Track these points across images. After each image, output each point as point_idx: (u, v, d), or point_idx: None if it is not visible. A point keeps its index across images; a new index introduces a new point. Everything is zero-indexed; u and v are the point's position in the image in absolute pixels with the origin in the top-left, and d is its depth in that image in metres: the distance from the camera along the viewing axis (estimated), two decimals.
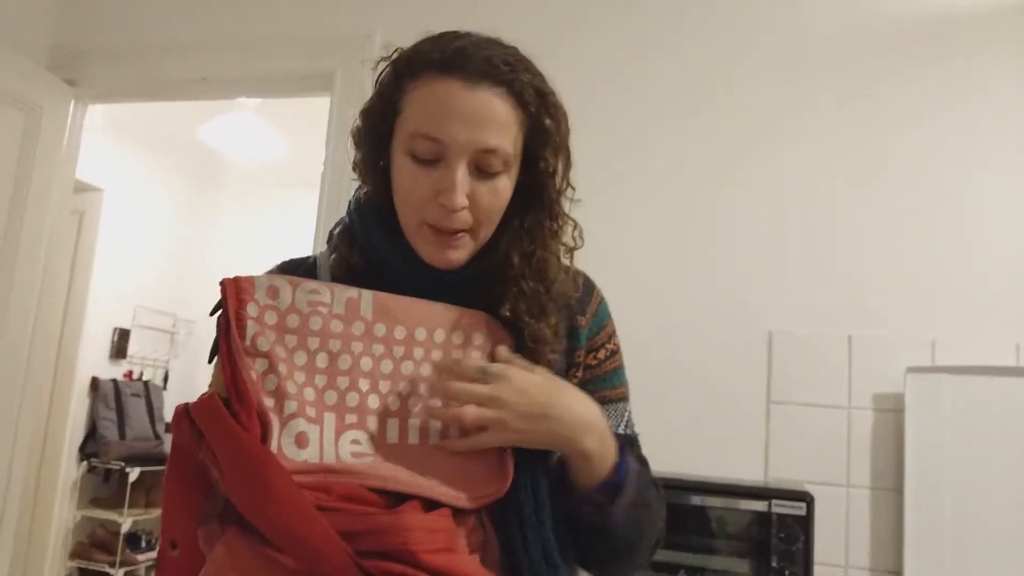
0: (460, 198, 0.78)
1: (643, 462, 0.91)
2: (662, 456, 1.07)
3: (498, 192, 0.81)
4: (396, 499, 0.72)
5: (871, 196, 1.93)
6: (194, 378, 4.89)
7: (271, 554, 0.67)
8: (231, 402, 0.72)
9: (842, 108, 1.98)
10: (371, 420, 0.76)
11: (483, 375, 0.77)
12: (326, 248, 0.91)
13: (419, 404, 0.79)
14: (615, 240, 2.03)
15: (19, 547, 3.09)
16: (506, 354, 0.81)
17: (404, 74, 0.82)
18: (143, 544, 4.21)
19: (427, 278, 0.84)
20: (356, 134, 0.88)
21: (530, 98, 0.80)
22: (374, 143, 0.86)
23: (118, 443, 4.11)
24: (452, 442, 0.77)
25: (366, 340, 0.78)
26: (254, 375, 0.74)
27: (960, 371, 1.75)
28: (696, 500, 1.66)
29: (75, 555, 4.09)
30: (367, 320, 0.79)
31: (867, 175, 1.94)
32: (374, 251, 0.86)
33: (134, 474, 4.09)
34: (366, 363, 0.78)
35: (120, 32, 2.63)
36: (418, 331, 0.80)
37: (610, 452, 0.81)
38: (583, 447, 0.78)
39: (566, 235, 0.88)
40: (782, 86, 2.03)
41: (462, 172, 0.78)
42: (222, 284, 0.77)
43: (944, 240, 1.88)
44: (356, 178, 0.91)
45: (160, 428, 4.39)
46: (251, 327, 0.75)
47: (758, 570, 1.62)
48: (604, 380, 0.91)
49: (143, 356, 4.59)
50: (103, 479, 4.29)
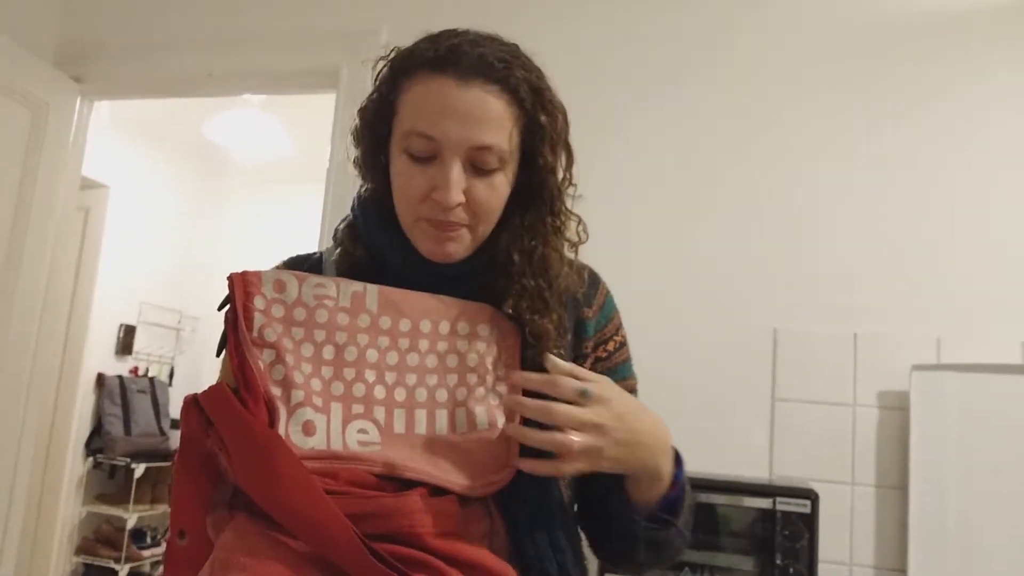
0: (454, 195, 0.79)
1: None
2: None
3: (495, 189, 0.81)
4: (403, 486, 0.73)
5: (877, 194, 1.93)
6: (199, 374, 4.90)
7: (280, 537, 0.68)
8: (239, 391, 0.73)
9: (847, 106, 1.98)
10: (378, 410, 0.77)
11: (584, 398, 0.74)
12: (332, 244, 0.92)
13: (425, 395, 0.79)
14: (618, 236, 2.03)
15: (25, 542, 3.10)
16: (568, 367, 0.78)
17: (400, 73, 0.83)
18: (148, 540, 4.22)
19: (427, 273, 0.84)
20: (355, 133, 0.89)
21: (525, 95, 0.80)
22: (372, 141, 0.87)
23: (124, 439, 4.12)
24: (534, 463, 0.74)
25: (372, 332, 0.79)
26: (261, 365, 0.74)
27: (965, 369, 1.74)
28: (701, 497, 1.66)
29: (81, 551, 4.11)
30: (372, 313, 0.80)
31: (872, 173, 1.94)
32: (376, 247, 0.87)
33: (139, 470, 4.11)
34: (372, 355, 0.78)
35: (126, 29, 2.64)
36: (423, 323, 0.81)
37: (671, 467, 0.81)
38: (660, 470, 0.79)
39: (569, 230, 0.88)
40: (790, 85, 2.03)
41: (457, 169, 0.79)
42: (230, 278, 0.78)
43: (950, 238, 1.87)
44: (359, 175, 0.92)
45: (165, 424, 4.40)
46: (258, 319, 0.76)
47: (763, 567, 1.62)
48: (614, 372, 0.90)
49: (149, 352, 4.60)
50: (109, 475, 4.31)
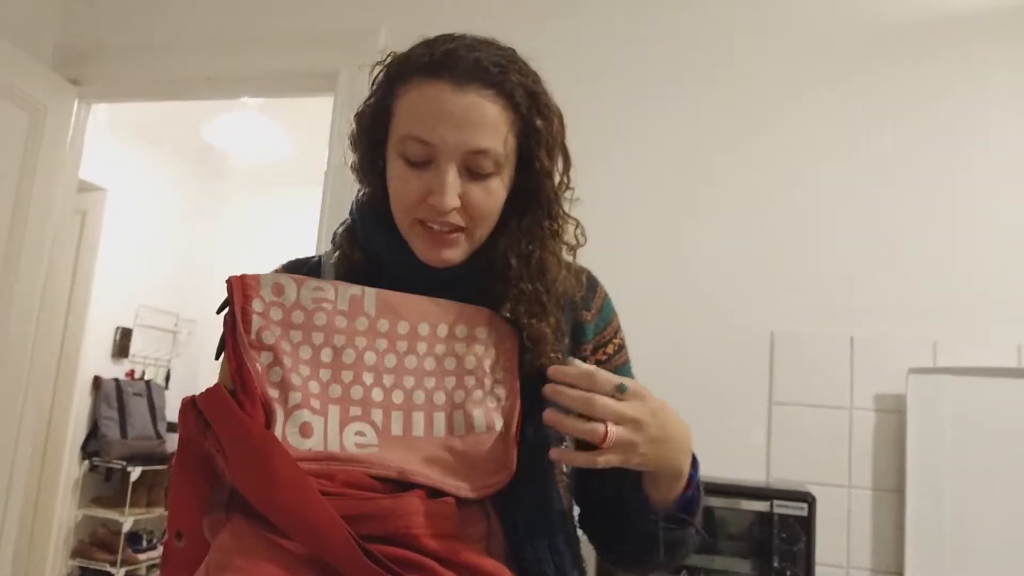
0: (449, 200, 0.79)
1: None
2: None
3: (491, 193, 0.82)
4: (400, 488, 0.73)
5: (875, 195, 1.93)
6: (196, 377, 4.89)
7: (275, 539, 0.68)
8: (237, 393, 0.73)
9: (841, 106, 1.99)
10: (375, 413, 0.77)
11: (621, 392, 0.73)
12: (330, 247, 0.92)
13: (423, 397, 0.79)
14: (616, 237, 2.03)
15: (21, 546, 3.09)
16: (592, 368, 0.75)
17: (395, 78, 0.83)
18: (144, 543, 4.21)
19: (425, 276, 0.85)
20: (352, 137, 0.89)
21: (521, 99, 0.80)
22: (369, 146, 0.87)
23: (120, 442, 4.11)
24: (570, 454, 0.74)
25: (370, 335, 0.79)
26: (259, 367, 0.75)
27: (962, 372, 1.75)
28: None
29: (76, 554, 4.09)
30: (371, 316, 0.80)
31: (870, 174, 1.94)
32: (374, 251, 0.87)
33: (136, 473, 4.09)
34: (370, 357, 0.79)
35: (124, 31, 2.64)
36: (421, 326, 0.81)
37: (688, 467, 0.81)
38: (682, 469, 0.79)
39: (567, 234, 0.88)
40: (788, 86, 2.04)
41: (452, 174, 0.79)
42: (228, 282, 0.78)
43: (946, 241, 1.88)
44: (356, 179, 0.92)
45: (162, 427, 4.39)
46: (256, 322, 0.76)
47: (760, 570, 1.63)
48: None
49: (145, 355, 4.59)
50: (105, 478, 4.29)
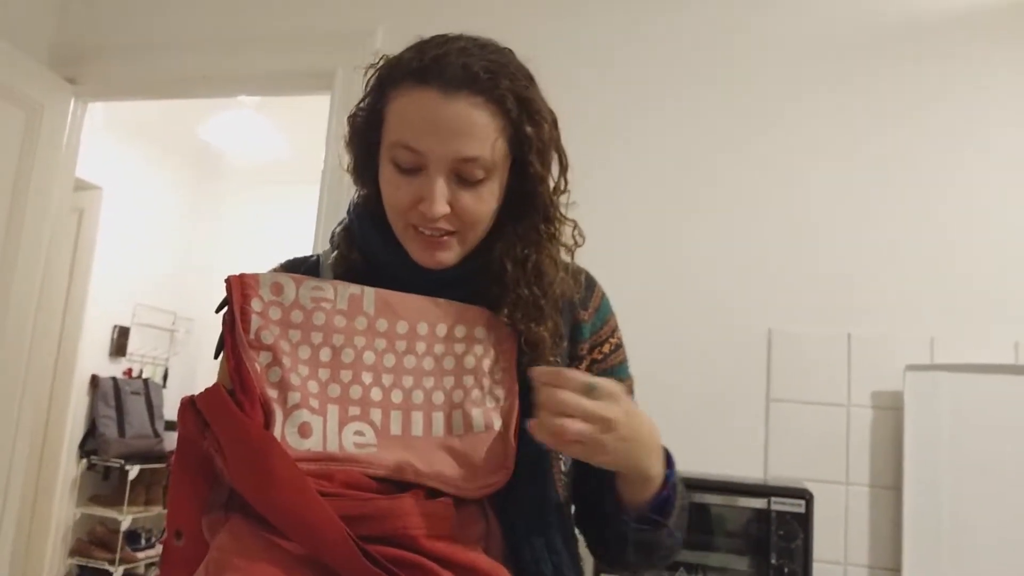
0: (438, 207, 0.79)
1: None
2: None
3: (482, 199, 0.81)
4: (398, 488, 0.73)
5: (872, 195, 1.94)
6: (194, 376, 4.89)
7: (274, 539, 0.68)
8: (235, 393, 0.73)
9: (841, 106, 1.99)
10: (374, 412, 0.77)
11: (591, 391, 0.72)
12: (328, 247, 0.92)
13: (421, 397, 0.79)
14: (613, 238, 2.04)
15: (19, 544, 3.09)
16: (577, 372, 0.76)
17: (386, 82, 0.83)
18: (143, 542, 4.21)
19: (422, 277, 0.85)
20: (346, 140, 0.89)
21: (511, 106, 0.80)
22: (363, 148, 0.87)
23: (118, 441, 4.11)
24: (537, 430, 0.71)
25: (369, 335, 0.79)
26: (258, 367, 0.75)
27: (959, 369, 1.75)
28: (696, 497, 1.66)
29: (75, 552, 4.09)
30: (370, 315, 0.80)
31: (867, 174, 1.95)
32: (371, 251, 0.87)
33: (134, 472, 4.09)
34: (369, 357, 0.79)
35: (121, 30, 2.64)
36: (420, 326, 0.81)
37: (661, 468, 0.81)
38: (651, 470, 0.79)
39: (565, 235, 0.88)
40: (786, 85, 2.04)
41: (440, 182, 0.79)
42: (227, 281, 0.78)
43: (943, 238, 1.88)
44: (353, 180, 0.92)
45: (160, 426, 4.39)
46: (255, 321, 0.76)
47: (757, 567, 1.63)
48: (610, 374, 0.90)
49: (143, 354, 4.59)
50: (103, 477, 4.29)
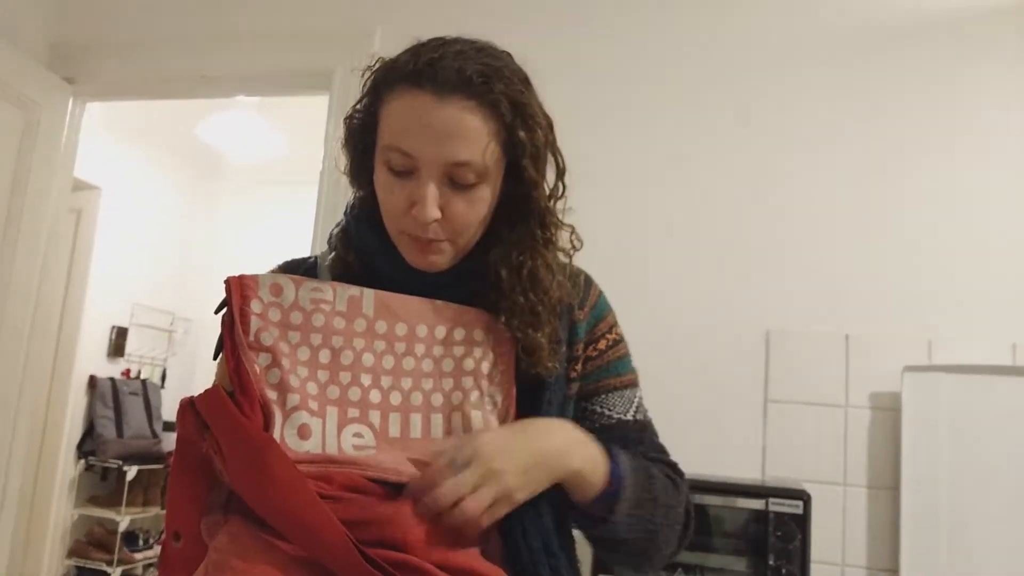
0: (430, 212, 0.78)
1: (658, 448, 0.91)
2: None
3: (474, 203, 0.81)
4: (398, 491, 0.73)
5: (869, 195, 1.94)
6: (192, 376, 4.88)
7: (273, 540, 0.68)
8: (235, 394, 0.73)
9: (840, 106, 1.99)
10: (373, 414, 0.77)
11: (456, 464, 0.72)
12: (326, 248, 0.92)
13: (420, 399, 0.79)
14: (612, 238, 2.03)
15: (17, 545, 3.08)
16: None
17: (381, 85, 0.82)
18: (141, 543, 4.20)
19: (419, 279, 0.85)
20: (343, 142, 0.89)
21: (505, 110, 0.79)
22: (359, 151, 0.87)
23: (116, 441, 4.10)
24: (482, 520, 0.73)
25: (368, 337, 0.79)
26: (257, 368, 0.75)
27: (957, 370, 1.75)
28: (694, 498, 1.65)
29: (73, 553, 4.08)
30: (369, 317, 0.80)
31: (865, 174, 1.95)
32: (368, 253, 0.87)
33: (132, 472, 4.09)
34: (368, 359, 0.79)
35: (119, 30, 2.63)
36: (419, 328, 0.81)
37: (599, 461, 0.81)
38: (572, 468, 0.78)
39: (562, 240, 0.88)
40: (782, 84, 2.04)
41: (433, 186, 0.78)
42: (227, 282, 0.78)
43: (941, 240, 1.88)
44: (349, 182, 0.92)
45: (158, 426, 4.38)
46: (254, 323, 0.76)
47: (755, 568, 1.63)
48: (607, 369, 0.91)
49: (141, 354, 4.58)
50: (101, 477, 4.28)
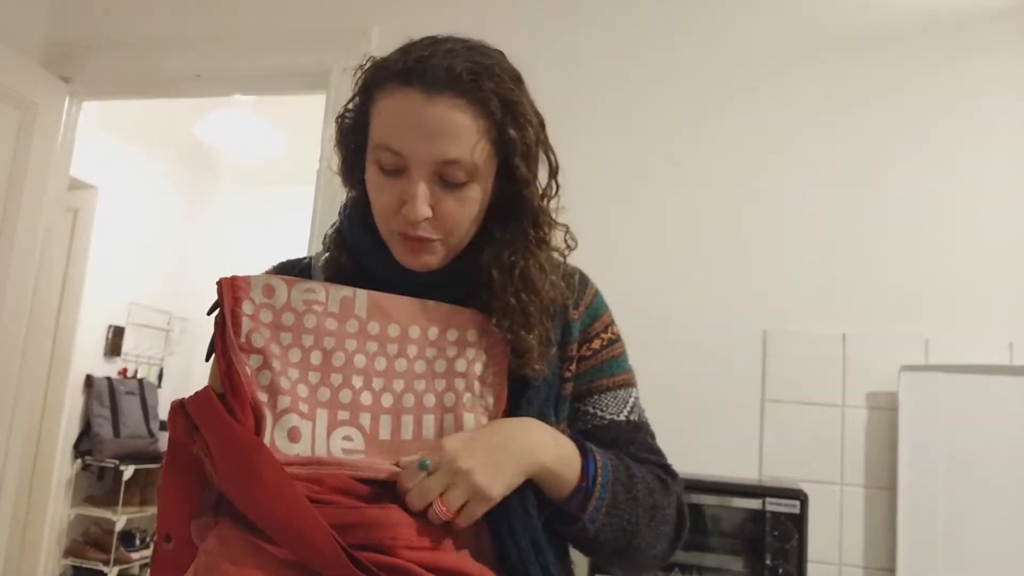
0: (420, 210, 0.78)
1: (650, 449, 0.91)
2: None
3: (465, 202, 0.81)
4: (388, 493, 0.73)
5: (865, 195, 1.93)
6: (189, 376, 4.88)
7: (262, 544, 0.68)
8: (226, 396, 0.73)
9: (837, 108, 1.99)
10: (364, 417, 0.77)
11: (425, 467, 0.73)
12: (321, 249, 0.92)
13: (412, 401, 0.79)
14: (609, 238, 2.03)
15: (13, 545, 3.08)
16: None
17: (371, 84, 0.83)
18: (137, 542, 4.20)
19: (411, 281, 0.84)
20: (335, 141, 0.89)
21: (495, 108, 0.79)
22: (351, 151, 0.87)
23: (112, 441, 4.10)
24: (457, 521, 0.73)
25: (360, 338, 0.79)
26: (248, 370, 0.74)
27: (953, 370, 1.75)
28: (690, 498, 1.65)
29: (69, 553, 4.08)
30: (361, 318, 0.80)
31: (861, 174, 1.94)
32: (360, 253, 0.87)
33: (128, 472, 4.09)
34: (360, 360, 0.78)
35: (115, 29, 2.63)
36: (412, 329, 0.81)
37: (572, 459, 0.80)
38: (542, 464, 0.78)
39: (556, 240, 0.87)
40: (779, 83, 2.03)
41: (423, 184, 0.78)
42: (218, 283, 0.78)
43: (938, 239, 1.88)
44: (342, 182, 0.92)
45: (155, 426, 4.38)
46: (246, 324, 0.76)
47: (752, 568, 1.63)
48: (600, 369, 0.90)
49: (138, 354, 4.58)
50: (97, 477, 4.28)
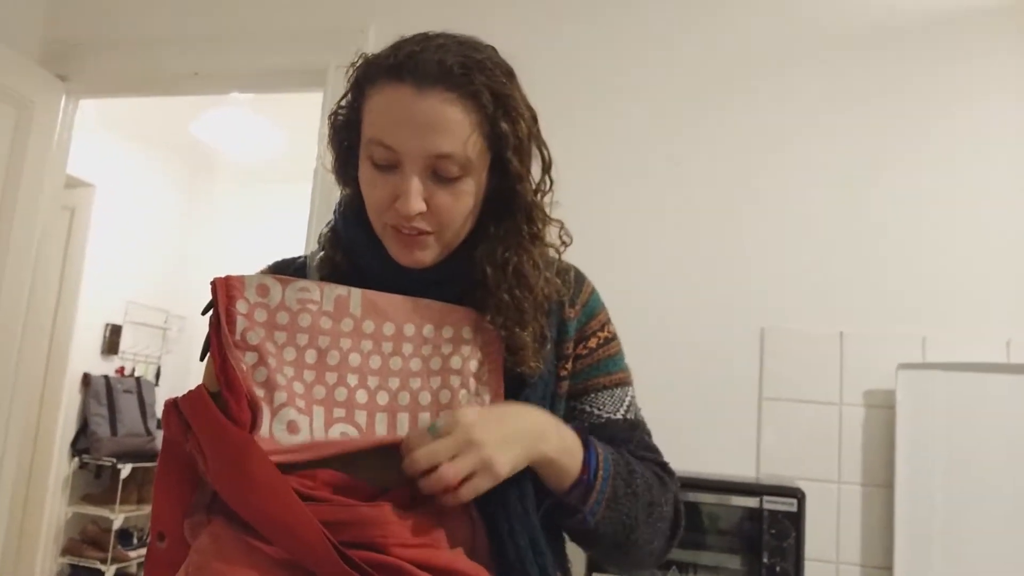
0: (413, 205, 0.78)
1: (648, 447, 0.90)
2: None
3: (458, 196, 0.80)
4: (383, 491, 0.73)
5: (864, 194, 1.93)
6: (186, 374, 4.87)
7: (254, 542, 0.68)
8: (221, 392, 0.73)
9: (837, 108, 1.99)
10: (360, 415, 0.77)
11: (436, 432, 0.73)
12: (316, 248, 0.92)
13: (408, 398, 0.79)
14: (608, 237, 2.03)
15: (10, 543, 3.08)
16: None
17: (363, 80, 0.83)
18: (135, 540, 4.20)
19: (406, 278, 0.84)
20: (329, 139, 0.89)
21: (487, 102, 0.79)
22: (344, 147, 0.87)
23: (110, 439, 4.10)
24: (448, 498, 0.72)
25: (355, 336, 0.79)
26: (244, 366, 0.74)
27: (951, 368, 1.75)
28: (688, 496, 1.66)
29: (67, 551, 4.08)
30: (356, 317, 0.79)
31: (861, 173, 1.94)
32: (355, 251, 0.87)
33: (126, 470, 4.08)
34: (354, 359, 0.78)
35: (112, 27, 2.62)
36: (406, 327, 0.81)
37: (574, 450, 0.80)
38: (545, 452, 0.78)
39: (550, 236, 0.87)
40: (778, 82, 2.03)
41: (416, 179, 0.78)
42: (213, 283, 0.78)
43: (936, 237, 1.88)
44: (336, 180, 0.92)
45: (152, 424, 4.37)
46: (240, 323, 0.76)
47: (750, 566, 1.63)
48: (597, 368, 0.90)
49: (135, 352, 4.57)
50: (95, 475, 4.28)
